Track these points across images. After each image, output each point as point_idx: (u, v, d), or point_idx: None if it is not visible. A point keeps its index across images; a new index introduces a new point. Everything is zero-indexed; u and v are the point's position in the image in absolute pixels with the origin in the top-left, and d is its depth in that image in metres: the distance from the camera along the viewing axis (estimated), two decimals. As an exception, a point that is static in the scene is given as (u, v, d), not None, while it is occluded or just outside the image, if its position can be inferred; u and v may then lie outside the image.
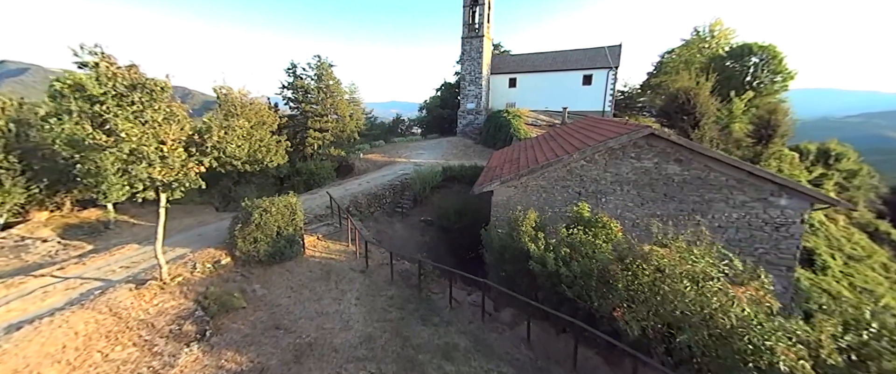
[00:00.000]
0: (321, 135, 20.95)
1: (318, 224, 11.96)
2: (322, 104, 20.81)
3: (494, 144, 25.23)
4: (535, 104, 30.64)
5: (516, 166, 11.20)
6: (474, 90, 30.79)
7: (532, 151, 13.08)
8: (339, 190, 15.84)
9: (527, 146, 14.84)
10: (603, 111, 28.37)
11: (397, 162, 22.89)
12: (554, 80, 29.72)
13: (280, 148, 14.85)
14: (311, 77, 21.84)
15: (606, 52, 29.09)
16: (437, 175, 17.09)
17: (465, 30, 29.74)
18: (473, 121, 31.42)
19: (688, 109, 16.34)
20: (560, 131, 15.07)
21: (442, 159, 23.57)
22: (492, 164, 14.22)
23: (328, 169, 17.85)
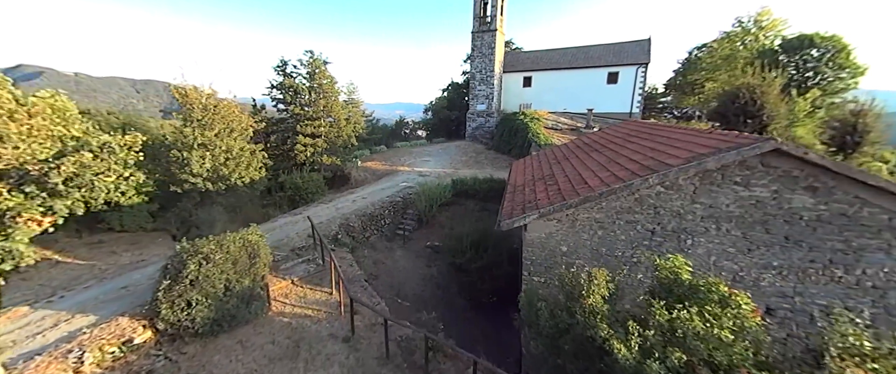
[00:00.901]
0: (313, 141, 18.33)
1: (296, 261, 9.29)
2: (314, 106, 18.21)
3: (509, 150, 22.42)
4: (552, 105, 27.76)
5: (556, 189, 8.37)
6: (485, 90, 28.01)
7: (569, 164, 10.25)
8: (328, 210, 13.15)
9: (557, 157, 12.01)
10: (630, 113, 25.40)
11: (399, 171, 20.20)
12: (574, 78, 26.82)
13: (254, 160, 12.22)
14: (302, 76, 19.27)
15: (634, 47, 26.12)
16: (445, 190, 14.34)
17: (476, 23, 26.99)
18: (484, 124, 28.63)
19: (752, 110, 13.40)
20: (600, 139, 12.21)
21: (450, 168, 20.82)
22: (515, 179, 11.41)
23: (317, 182, 15.19)
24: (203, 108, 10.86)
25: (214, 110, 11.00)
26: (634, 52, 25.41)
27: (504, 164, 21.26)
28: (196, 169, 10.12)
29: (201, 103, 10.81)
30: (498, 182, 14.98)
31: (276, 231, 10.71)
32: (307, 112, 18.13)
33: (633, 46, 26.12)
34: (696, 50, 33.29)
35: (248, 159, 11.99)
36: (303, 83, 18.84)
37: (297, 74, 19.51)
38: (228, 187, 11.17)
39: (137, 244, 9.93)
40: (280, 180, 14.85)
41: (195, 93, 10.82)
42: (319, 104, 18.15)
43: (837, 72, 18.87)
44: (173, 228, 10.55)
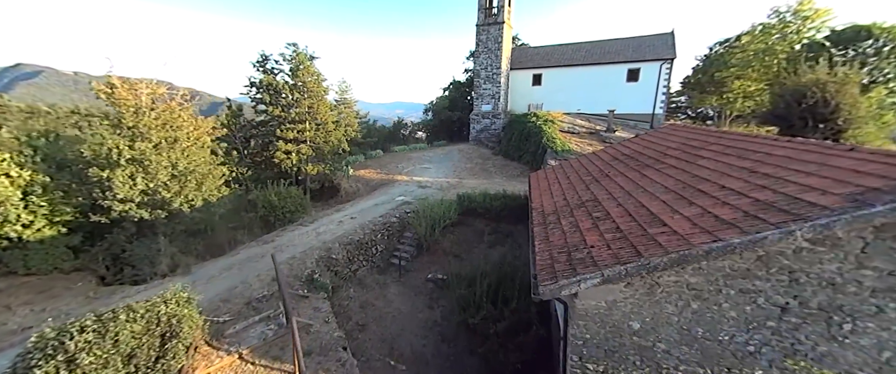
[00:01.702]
0: (296, 147, 15.88)
1: (250, 321, 6.84)
2: (297, 107, 15.75)
3: (519, 156, 19.98)
4: (565, 105, 25.29)
5: (612, 227, 5.90)
6: (491, 89, 25.56)
7: (615, 185, 7.80)
8: (307, 236, 10.71)
9: (592, 173, 9.56)
10: (653, 114, 22.94)
11: (396, 181, 17.75)
12: (590, 76, 24.35)
13: (212, 176, 9.78)
14: (284, 72, 16.82)
15: (656, 41, 23.65)
16: (450, 210, 11.90)
17: (481, 15, 24.54)
18: (490, 126, 26.19)
19: (823, 113, 11.00)
20: (645, 148, 9.74)
21: (453, 177, 18.38)
22: (541, 203, 8.95)
23: (297, 198, 12.73)
24: (135, 111, 8.38)
25: (153, 114, 8.53)
26: (657, 47, 22.95)
27: (514, 172, 18.84)
28: (122, 193, 7.71)
29: (133, 105, 8.35)
30: (512, 198, 12.54)
31: (231, 272, 8.28)
32: (289, 114, 15.68)
33: (655, 40, 23.65)
34: (718, 46, 30.87)
35: (203, 176, 9.57)
36: (285, 81, 16.40)
37: (279, 70, 17.07)
38: (171, 214, 8.73)
39: (47, 293, 7.48)
40: (250, 198, 12.40)
41: (126, 90, 8.36)
42: (303, 105, 15.70)
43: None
44: (102, 267, 8.16)
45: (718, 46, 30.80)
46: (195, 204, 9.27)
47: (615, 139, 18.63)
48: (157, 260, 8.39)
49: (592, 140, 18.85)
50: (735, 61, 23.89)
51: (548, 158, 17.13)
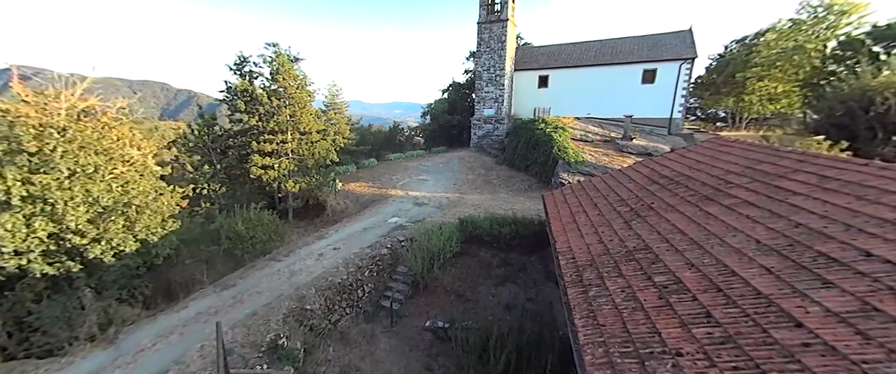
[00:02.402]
0: (275, 161, 13.97)
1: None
2: (277, 116, 13.85)
3: (527, 167, 18.12)
4: (574, 109, 23.44)
5: (708, 325, 4.02)
6: (494, 92, 23.70)
7: (668, 225, 5.94)
8: (276, 278, 8.81)
9: (631, 204, 7.69)
10: (671, 118, 21.11)
11: (390, 197, 15.87)
12: (601, 77, 22.50)
13: (152, 212, 7.88)
14: (264, 76, 14.94)
15: (673, 39, 21.82)
16: (451, 239, 10.02)
17: (483, 12, 22.68)
18: (493, 131, 24.33)
19: None
20: (694, 171, 7.85)
21: (453, 190, 16.51)
22: (570, 245, 7.06)
23: (270, 226, 10.78)
24: (38, 132, 6.40)
25: (68, 134, 6.57)
26: (675, 46, 21.11)
27: (521, 185, 16.98)
28: (12, 244, 5.80)
29: (38, 123, 6.39)
30: (524, 224, 10.66)
31: (170, 341, 6.35)
32: (267, 124, 13.77)
33: (672, 39, 21.82)
34: (735, 43, 29.11)
35: (140, 211, 7.67)
36: (264, 86, 14.50)
37: (258, 74, 15.19)
38: (89, 265, 6.81)
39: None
40: (213, 227, 10.44)
41: (30, 105, 6.41)
42: (284, 114, 13.79)
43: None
44: (2, 334, 6.30)
45: (735, 44, 29.04)
46: (125, 248, 7.37)
47: (634, 148, 16.80)
48: (78, 321, 6.51)
49: (608, 149, 17.01)
50: (759, 60, 22.06)
51: (559, 170, 15.29)
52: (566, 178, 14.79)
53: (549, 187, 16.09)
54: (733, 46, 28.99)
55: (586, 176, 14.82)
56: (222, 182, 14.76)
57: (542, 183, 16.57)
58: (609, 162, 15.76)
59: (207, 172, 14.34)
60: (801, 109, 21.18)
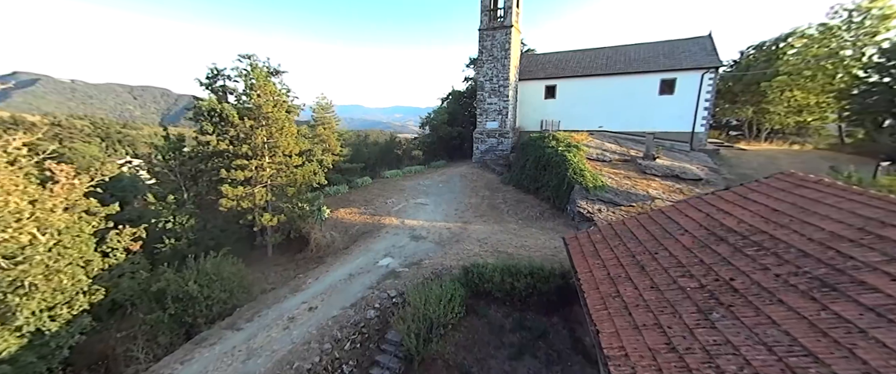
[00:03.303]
0: (248, 191, 12.07)
1: None
2: (251, 139, 11.98)
3: (537, 189, 16.20)
4: (584, 122, 21.62)
5: None
6: (497, 104, 21.90)
7: (767, 322, 4.05)
8: (229, 361, 6.86)
9: (698, 273, 5.78)
10: (692, 132, 19.26)
11: (383, 227, 13.94)
12: (614, 87, 20.70)
13: (52, 289, 5.95)
14: (237, 93, 13.09)
15: (693, 46, 20.06)
16: (453, 299, 8.06)
17: (485, 18, 20.95)
18: (496, 146, 22.50)
19: None
20: (777, 226, 5.93)
21: (455, 219, 14.59)
22: (620, 343, 5.16)
23: (232, 279, 8.78)
24: None
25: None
26: (695, 53, 19.34)
27: (532, 212, 15.05)
28: None
29: None
30: (542, 277, 8.67)
31: None
32: (239, 148, 11.89)
33: (692, 45, 20.06)
34: (753, 50, 27.40)
35: (31, 294, 5.75)
36: (238, 103, 12.66)
37: (232, 89, 13.35)
38: None
39: None
40: (157, 288, 8.41)
41: None
42: (259, 136, 11.92)
43: None
44: None
45: (753, 50, 27.34)
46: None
47: (658, 169, 14.92)
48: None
49: (629, 170, 15.13)
50: (788, 69, 20.26)
51: (576, 197, 13.39)
52: (585, 207, 12.88)
53: (563, 214, 14.19)
54: (750, 52, 27.30)
55: (609, 205, 12.92)
56: (191, 213, 12.85)
57: (555, 209, 14.66)
58: (632, 186, 13.88)
59: (172, 204, 12.43)
60: (834, 122, 19.44)
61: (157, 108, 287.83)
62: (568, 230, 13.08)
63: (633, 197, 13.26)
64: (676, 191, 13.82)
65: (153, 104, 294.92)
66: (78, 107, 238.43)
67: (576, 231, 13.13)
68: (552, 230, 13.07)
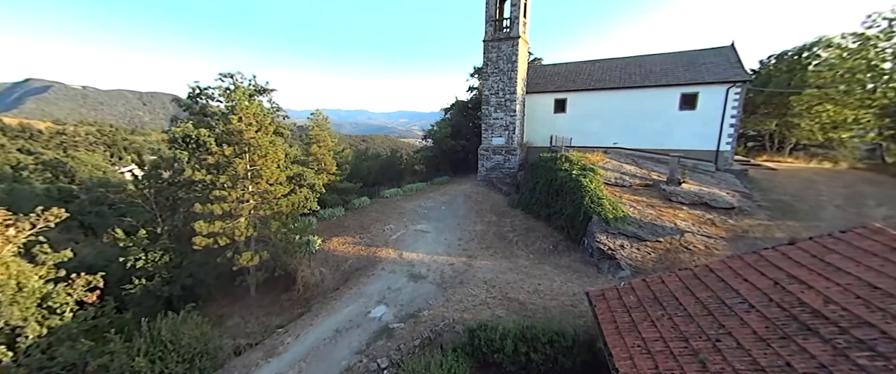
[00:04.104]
0: (227, 226, 10.76)
1: None
2: (230, 168, 10.71)
3: (548, 216, 14.74)
4: (596, 139, 20.21)
5: None
6: (504, 119, 20.57)
7: None
8: None
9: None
10: (717, 151, 17.73)
11: (378, 261, 12.55)
12: (629, 102, 19.27)
13: None
14: (217, 116, 11.88)
15: (715, 57, 18.62)
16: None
17: (490, 29, 19.72)
18: (503, 163, 21.12)
19: None
20: (877, 306, 4.53)
21: (459, 251, 13.15)
22: None
23: (190, 347, 7.33)
24: None
25: None
26: (718, 65, 17.88)
27: (545, 243, 13.58)
28: None
29: None
30: (564, 347, 7.15)
31: None
32: (217, 178, 10.64)
33: (714, 56, 18.61)
34: (774, 60, 25.88)
35: None
36: (217, 128, 11.45)
37: (213, 112, 12.14)
38: None
39: None
40: (98, 365, 6.98)
41: None
42: (239, 165, 10.66)
43: None
44: None
45: (774, 60, 25.82)
46: None
47: (685, 196, 13.41)
48: None
49: (652, 197, 13.64)
50: (818, 81, 18.72)
51: (594, 229, 11.90)
52: (605, 242, 11.40)
53: (579, 247, 12.70)
54: (771, 62, 25.78)
55: (632, 240, 11.41)
56: (165, 248, 11.58)
57: (569, 241, 13.19)
58: (657, 216, 12.38)
59: (143, 239, 11.17)
60: (874, 140, 17.85)
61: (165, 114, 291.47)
62: (586, 269, 11.61)
63: (660, 230, 11.76)
64: (707, 222, 12.30)
65: (162, 110, 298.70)
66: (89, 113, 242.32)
67: (596, 271, 11.66)
68: (568, 269, 11.60)
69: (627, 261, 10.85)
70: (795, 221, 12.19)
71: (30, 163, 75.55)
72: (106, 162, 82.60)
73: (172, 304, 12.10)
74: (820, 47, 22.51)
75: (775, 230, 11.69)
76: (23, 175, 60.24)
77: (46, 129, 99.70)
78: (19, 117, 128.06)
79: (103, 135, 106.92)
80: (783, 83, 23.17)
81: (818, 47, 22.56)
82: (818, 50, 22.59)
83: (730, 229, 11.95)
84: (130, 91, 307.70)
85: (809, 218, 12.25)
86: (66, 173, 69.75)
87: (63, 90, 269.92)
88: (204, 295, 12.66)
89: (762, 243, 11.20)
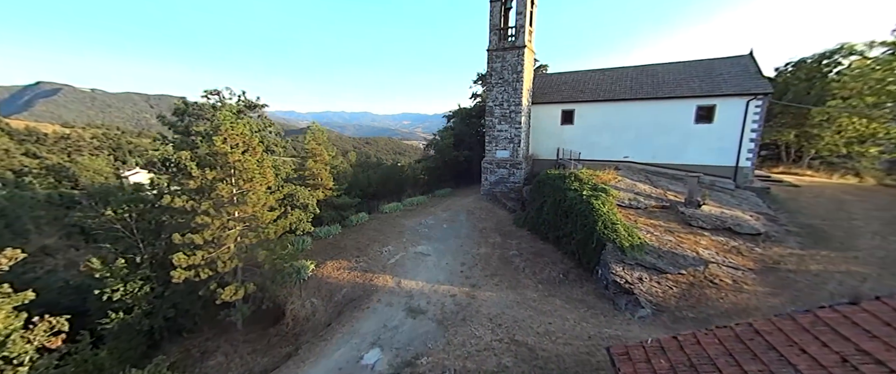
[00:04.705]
0: (210, 256, 9.91)
1: None
2: (212, 193, 9.89)
3: (556, 238, 13.77)
4: (606, 152, 19.26)
5: None
6: (508, 131, 19.66)
7: None
8: None
9: None
10: (736, 167, 16.68)
11: (375, 291, 11.64)
12: (641, 114, 18.29)
13: None
14: (201, 136, 11.08)
15: (734, 66, 17.61)
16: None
17: (494, 38, 18.86)
18: (507, 177, 20.19)
19: None
20: None
21: (461, 279, 12.19)
22: None
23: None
24: None
25: None
26: (737, 76, 16.86)
27: (553, 270, 12.60)
28: None
29: None
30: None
31: None
32: (199, 205, 9.81)
33: (732, 67, 17.60)
34: (790, 67, 24.80)
35: None
36: (200, 149, 10.62)
37: (198, 132, 11.35)
38: None
39: None
40: None
41: None
42: (224, 190, 9.84)
43: None
44: None
45: (791, 68, 24.76)
46: None
47: (706, 220, 12.40)
48: None
49: (670, 221, 12.63)
50: (846, 93, 17.66)
51: (609, 259, 10.92)
52: (621, 274, 10.42)
53: (592, 277, 11.70)
54: (788, 70, 24.71)
55: (652, 272, 10.42)
56: (145, 278, 10.76)
57: (581, 269, 12.21)
58: (677, 244, 11.38)
59: (121, 269, 10.36)
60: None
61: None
62: (601, 303, 10.62)
63: (681, 260, 10.76)
64: (733, 251, 11.28)
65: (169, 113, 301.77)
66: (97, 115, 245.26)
67: (612, 307, 10.64)
68: (581, 303, 10.62)
69: (647, 297, 9.86)
70: (830, 250, 11.13)
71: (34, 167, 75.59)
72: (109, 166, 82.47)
73: (154, 336, 11.30)
74: (841, 55, 21.43)
75: (809, 262, 10.65)
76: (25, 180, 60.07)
77: (52, 132, 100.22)
78: (29, 120, 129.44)
79: (108, 138, 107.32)
80: (802, 92, 22.10)
81: (839, 55, 21.48)
82: (839, 57, 21.51)
83: (758, 259, 10.93)
84: (138, 94, 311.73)
85: (845, 247, 11.19)
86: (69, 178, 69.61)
87: (72, 93, 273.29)
88: (189, 326, 11.84)
89: (796, 277, 10.18)
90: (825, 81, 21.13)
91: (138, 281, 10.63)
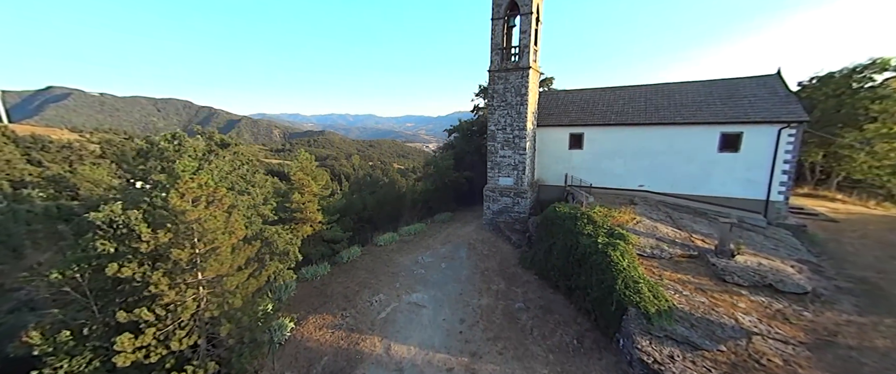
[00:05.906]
0: (162, 332, 8.44)
1: None
2: (166, 262, 8.43)
3: (569, 290, 12.16)
4: (619, 180, 17.67)
5: None
6: (512, 157, 18.13)
7: None
8: None
9: None
10: (767, 201, 15.00)
11: (361, 359, 10.11)
12: (658, 139, 16.68)
13: None
14: (156, 190, 9.63)
15: (761, 88, 15.96)
16: None
17: (496, 59, 17.38)
18: (511, 206, 18.64)
19: None
20: None
21: (459, 347, 10.59)
22: None
23: None
24: None
25: None
26: (764, 101, 15.21)
27: (566, 332, 10.97)
28: None
29: None
30: None
31: None
32: (148, 273, 8.35)
33: (758, 87, 15.97)
34: (816, 81, 23.11)
35: None
36: (151, 208, 9.19)
37: (158, 182, 9.91)
38: None
39: None
40: None
41: None
42: (180, 255, 8.38)
43: None
44: None
45: (816, 82, 23.08)
46: None
47: (742, 274, 10.74)
48: None
49: (700, 276, 10.98)
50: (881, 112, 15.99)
51: (632, 328, 9.30)
52: (649, 349, 8.79)
53: (611, 344, 10.07)
54: (813, 84, 23.02)
55: (685, 348, 8.78)
56: (94, 350, 9.31)
57: (598, 332, 10.59)
58: (711, 307, 9.73)
59: (67, 342, 8.92)
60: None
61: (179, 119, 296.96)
62: (624, 385, 8.99)
63: (718, 330, 9.12)
64: (778, 316, 9.61)
65: (176, 116, 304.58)
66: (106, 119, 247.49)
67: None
68: (600, 385, 9.00)
69: (683, 388, 8.22)
70: (894, 316, 9.44)
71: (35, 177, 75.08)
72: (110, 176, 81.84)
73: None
74: (873, 70, 19.75)
75: (873, 334, 8.96)
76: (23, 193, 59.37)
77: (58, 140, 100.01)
78: (40, 124, 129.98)
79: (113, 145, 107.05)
80: (831, 109, 20.40)
81: (871, 70, 19.79)
82: (871, 73, 19.82)
83: (809, 329, 9.25)
84: (146, 98, 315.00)
85: (912, 312, 9.49)
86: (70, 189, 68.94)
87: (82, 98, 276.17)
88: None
89: (860, 356, 8.49)
90: (855, 98, 19.44)
91: (87, 355, 9.20)
